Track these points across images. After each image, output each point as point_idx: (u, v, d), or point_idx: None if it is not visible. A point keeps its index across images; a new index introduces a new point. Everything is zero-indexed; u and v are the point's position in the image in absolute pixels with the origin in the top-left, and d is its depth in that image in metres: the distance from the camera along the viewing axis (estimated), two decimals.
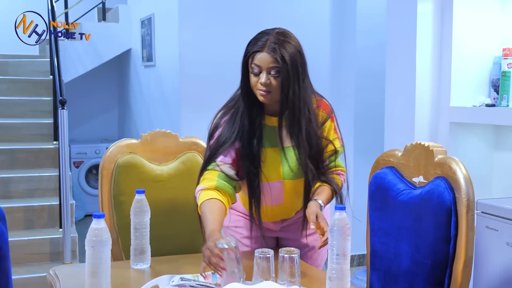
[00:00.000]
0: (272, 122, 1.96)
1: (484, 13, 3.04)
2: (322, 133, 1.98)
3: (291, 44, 1.86)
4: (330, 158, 1.99)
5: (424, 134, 3.12)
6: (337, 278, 1.59)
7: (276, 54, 1.82)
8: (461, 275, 1.65)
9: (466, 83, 3.04)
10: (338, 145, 2.01)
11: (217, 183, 1.89)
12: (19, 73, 5.15)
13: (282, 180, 1.99)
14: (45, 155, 4.42)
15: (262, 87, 1.85)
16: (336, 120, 2.04)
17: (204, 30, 4.21)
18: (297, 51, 1.87)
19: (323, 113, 2.00)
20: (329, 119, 2.00)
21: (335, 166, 2.01)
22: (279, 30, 1.89)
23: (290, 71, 1.84)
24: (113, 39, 5.60)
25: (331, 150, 1.99)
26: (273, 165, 1.98)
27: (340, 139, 2.03)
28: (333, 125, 2.01)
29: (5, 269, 1.76)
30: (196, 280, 1.70)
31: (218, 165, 1.92)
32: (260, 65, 1.84)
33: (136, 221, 1.91)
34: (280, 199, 2.02)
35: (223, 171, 1.91)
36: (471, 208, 1.65)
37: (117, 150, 2.24)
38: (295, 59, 1.85)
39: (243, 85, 1.92)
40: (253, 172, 1.94)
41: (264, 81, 1.84)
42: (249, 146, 1.93)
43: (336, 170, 2.02)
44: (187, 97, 4.23)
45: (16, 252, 3.67)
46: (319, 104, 2.00)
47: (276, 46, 1.83)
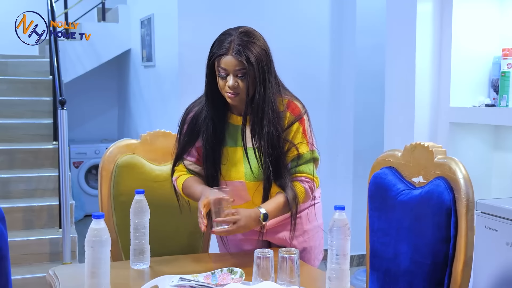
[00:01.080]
0: (237, 121, 1.96)
1: (483, 13, 3.04)
2: (287, 135, 1.92)
3: (255, 45, 1.84)
4: (292, 162, 1.93)
5: (424, 134, 3.12)
6: (337, 278, 1.59)
7: (242, 57, 1.81)
8: (461, 275, 1.65)
9: (466, 83, 3.04)
10: (305, 150, 1.94)
11: (187, 172, 2.01)
12: (19, 73, 5.15)
13: (244, 181, 1.97)
14: (45, 155, 4.42)
15: (230, 89, 1.85)
16: (307, 123, 1.97)
17: (204, 30, 4.20)
18: (262, 51, 1.85)
19: (290, 116, 1.94)
20: (297, 122, 1.94)
21: (298, 171, 1.94)
22: (243, 30, 1.87)
23: (256, 72, 1.83)
24: (113, 39, 5.60)
25: (294, 154, 1.93)
26: (235, 164, 1.97)
27: (309, 143, 1.95)
28: (301, 129, 1.94)
29: (4, 269, 1.76)
30: (196, 280, 1.70)
31: (184, 164, 2.03)
32: (226, 68, 1.84)
33: (136, 221, 1.91)
34: (246, 197, 1.99)
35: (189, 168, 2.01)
36: (470, 208, 1.65)
37: (117, 150, 2.24)
38: (260, 59, 1.84)
39: (208, 88, 1.93)
40: (212, 174, 1.97)
41: (232, 84, 1.84)
42: (211, 149, 1.95)
43: (300, 176, 1.95)
44: (187, 97, 4.20)
45: (16, 253, 3.67)
46: (288, 105, 1.95)
47: (240, 48, 1.82)
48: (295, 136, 1.94)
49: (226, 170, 1.97)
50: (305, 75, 4.45)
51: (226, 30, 1.91)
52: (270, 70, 1.89)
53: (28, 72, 5.18)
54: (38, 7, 4.02)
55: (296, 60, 4.41)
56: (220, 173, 1.97)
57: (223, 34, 1.89)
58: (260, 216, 1.84)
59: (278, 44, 4.48)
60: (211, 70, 1.90)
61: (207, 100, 1.95)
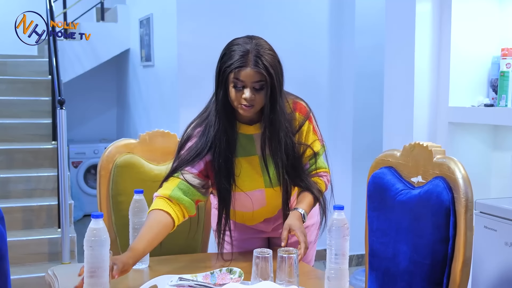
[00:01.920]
0: (248, 131, 1.93)
1: (482, 13, 3.04)
2: (300, 137, 1.94)
3: (270, 55, 1.81)
4: (310, 161, 1.98)
5: (423, 134, 3.12)
6: (336, 278, 1.59)
7: (261, 69, 1.77)
8: (460, 275, 1.65)
9: (465, 83, 3.04)
10: (318, 147, 1.98)
11: (171, 192, 1.85)
12: (18, 73, 5.15)
13: (263, 189, 1.96)
14: (44, 155, 4.42)
15: (246, 102, 1.80)
16: (314, 120, 2.00)
17: (203, 30, 4.21)
18: (276, 61, 1.82)
19: (300, 116, 1.95)
20: (307, 121, 1.96)
21: (316, 168, 1.98)
22: (256, 41, 1.83)
23: (275, 84, 1.80)
24: (112, 39, 5.60)
25: (310, 154, 1.97)
26: (251, 174, 1.94)
27: (320, 139, 2.00)
28: (311, 127, 1.97)
29: (3, 269, 1.76)
30: (195, 280, 1.70)
31: (182, 174, 1.88)
32: (244, 80, 1.78)
33: (135, 221, 1.91)
34: (263, 203, 2.00)
35: (186, 179, 1.87)
36: (469, 208, 1.65)
37: (116, 150, 2.23)
38: (277, 70, 1.81)
39: (221, 100, 1.84)
40: (226, 187, 1.90)
41: (249, 97, 1.79)
42: (224, 161, 1.87)
43: (318, 172, 1.99)
44: (186, 97, 4.23)
45: (15, 252, 3.67)
46: (295, 106, 1.95)
47: (258, 59, 1.77)
48: (307, 136, 1.97)
49: (242, 181, 1.93)
50: (304, 76, 4.45)
51: (235, 40, 1.86)
52: (283, 79, 1.85)
53: (27, 72, 5.18)
54: (37, 7, 4.02)
55: (296, 60, 4.41)
56: (234, 185, 1.92)
57: (234, 44, 1.83)
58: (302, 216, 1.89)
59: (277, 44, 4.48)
60: (223, 81, 1.82)
61: (219, 113, 1.85)
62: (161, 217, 1.81)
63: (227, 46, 1.85)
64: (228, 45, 1.86)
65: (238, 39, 1.85)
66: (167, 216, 1.82)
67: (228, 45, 1.85)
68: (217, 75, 1.84)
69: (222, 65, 1.81)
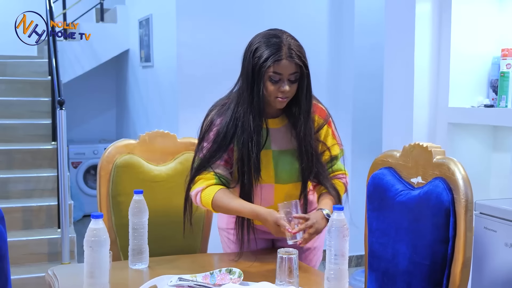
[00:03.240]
0: (271, 124, 1.96)
1: (482, 14, 3.04)
2: (318, 138, 1.98)
3: (300, 46, 1.87)
4: (328, 163, 2.00)
5: (422, 135, 3.12)
6: (335, 279, 1.59)
7: (296, 60, 1.81)
8: (459, 276, 1.65)
9: (465, 83, 3.04)
10: (337, 151, 2.03)
11: (215, 181, 1.91)
12: (17, 73, 5.15)
13: (273, 184, 1.98)
14: (43, 156, 4.41)
15: (283, 94, 1.83)
16: (333, 124, 2.04)
17: (202, 30, 4.21)
18: (304, 51, 1.88)
19: (319, 119, 1.99)
20: (326, 125, 2.00)
21: (334, 170, 2.03)
22: (285, 34, 1.87)
23: (309, 73, 1.86)
24: (111, 39, 5.60)
25: (327, 157, 2.00)
26: (265, 167, 1.95)
27: (339, 144, 2.04)
28: (330, 131, 2.01)
29: (4, 269, 1.76)
30: (194, 280, 1.70)
31: (212, 168, 1.91)
32: (282, 72, 1.81)
33: (134, 221, 1.91)
34: (270, 201, 2.00)
35: (217, 173, 1.91)
36: (469, 209, 1.65)
37: (115, 150, 2.24)
38: (307, 61, 1.86)
39: (256, 93, 1.84)
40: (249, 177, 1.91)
41: (287, 89, 1.83)
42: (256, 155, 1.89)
43: (337, 174, 2.04)
44: (185, 97, 4.23)
45: (14, 253, 3.67)
46: (315, 109, 1.99)
47: (292, 51, 1.81)
48: (326, 139, 2.00)
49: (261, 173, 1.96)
50: None
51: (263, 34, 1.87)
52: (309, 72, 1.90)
53: (26, 73, 5.18)
54: (36, 7, 4.02)
55: None
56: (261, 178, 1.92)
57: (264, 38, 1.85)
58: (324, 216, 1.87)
59: None
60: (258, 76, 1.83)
61: (255, 107, 1.86)
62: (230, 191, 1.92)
63: (257, 41, 1.86)
64: (256, 40, 1.88)
65: (264, 33, 1.88)
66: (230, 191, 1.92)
67: (256, 40, 1.87)
68: (252, 70, 1.84)
69: (257, 60, 1.82)
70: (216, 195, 1.88)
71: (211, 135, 1.92)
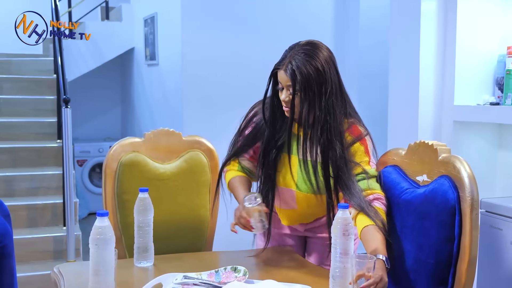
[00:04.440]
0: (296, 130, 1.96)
1: (488, 11, 3.03)
2: (348, 155, 1.88)
3: (306, 60, 1.81)
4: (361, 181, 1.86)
5: (428, 133, 3.11)
6: (340, 277, 1.59)
7: (289, 74, 1.82)
8: (465, 275, 1.65)
9: (470, 81, 3.03)
10: (369, 167, 1.89)
11: (238, 168, 2.06)
12: (23, 72, 5.16)
13: (294, 190, 1.99)
14: (49, 154, 4.42)
15: (284, 103, 1.87)
16: (369, 144, 1.93)
17: (207, 29, 4.22)
18: (316, 69, 1.81)
19: (348, 136, 1.91)
20: (358, 142, 1.90)
21: (370, 189, 1.85)
22: (306, 45, 1.86)
23: (306, 89, 1.81)
24: (116, 38, 5.61)
25: (360, 172, 1.87)
26: (288, 172, 1.98)
27: (371, 162, 1.90)
28: (363, 148, 1.90)
29: (10, 266, 1.77)
30: (199, 278, 1.70)
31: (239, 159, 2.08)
32: (281, 82, 1.86)
33: (140, 220, 1.92)
34: (293, 205, 2.03)
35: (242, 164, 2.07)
36: (475, 207, 1.64)
37: (121, 148, 2.24)
38: (307, 78, 1.80)
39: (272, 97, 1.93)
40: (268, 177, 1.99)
41: (283, 98, 1.86)
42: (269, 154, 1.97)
43: (373, 194, 1.85)
44: (190, 96, 4.24)
45: (20, 250, 3.67)
46: (348, 127, 1.92)
47: (290, 63, 1.82)
48: (357, 155, 1.89)
49: (280, 176, 2.00)
50: None
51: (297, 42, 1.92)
52: (324, 90, 1.84)
53: (32, 71, 5.19)
54: (42, 6, 4.03)
55: None
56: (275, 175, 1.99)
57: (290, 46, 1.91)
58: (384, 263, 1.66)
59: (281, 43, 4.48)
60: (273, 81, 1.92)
61: (270, 107, 1.94)
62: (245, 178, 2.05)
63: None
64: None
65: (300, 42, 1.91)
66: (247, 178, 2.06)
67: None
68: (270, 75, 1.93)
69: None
70: (232, 179, 2.04)
71: (246, 132, 2.05)
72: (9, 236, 1.76)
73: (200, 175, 2.31)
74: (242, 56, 4.22)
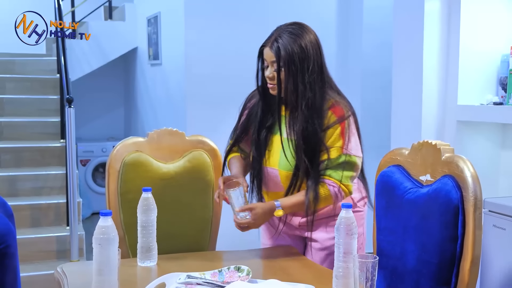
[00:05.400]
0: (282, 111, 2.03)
1: (492, 11, 3.02)
2: (325, 137, 1.93)
3: (294, 40, 1.89)
4: (322, 164, 1.93)
5: (431, 133, 3.11)
6: (344, 277, 1.59)
7: (274, 50, 1.90)
8: (468, 274, 1.64)
9: (474, 81, 3.03)
10: (336, 154, 1.93)
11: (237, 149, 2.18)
12: (26, 71, 5.17)
13: (277, 169, 2.02)
14: (52, 154, 4.43)
15: (269, 80, 1.94)
16: (348, 127, 1.95)
17: (210, 28, 4.22)
18: (299, 47, 1.90)
19: (332, 116, 1.94)
20: (338, 124, 1.93)
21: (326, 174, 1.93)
22: (293, 25, 1.94)
23: (290, 66, 1.89)
24: (119, 37, 5.61)
25: (324, 158, 1.93)
26: (274, 152, 2.04)
27: (343, 148, 1.93)
28: (338, 131, 1.93)
29: (13, 266, 1.77)
30: (203, 278, 1.70)
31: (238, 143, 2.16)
32: (266, 59, 1.94)
33: (143, 219, 1.92)
34: (278, 187, 2.04)
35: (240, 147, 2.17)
36: (478, 206, 1.64)
37: (124, 148, 2.24)
38: (291, 54, 1.89)
39: (258, 77, 2.01)
40: (257, 158, 2.05)
41: (267, 75, 1.94)
42: (257, 135, 2.04)
43: (325, 178, 1.93)
44: (193, 95, 4.24)
45: (23, 250, 3.68)
46: (331, 106, 1.96)
47: (275, 41, 1.90)
48: (332, 139, 1.93)
49: (268, 156, 2.05)
50: None
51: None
52: (306, 67, 1.91)
53: (35, 71, 5.20)
54: (45, 5, 4.04)
55: None
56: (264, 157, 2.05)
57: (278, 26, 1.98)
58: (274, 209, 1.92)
59: None
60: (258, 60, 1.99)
61: (258, 89, 2.03)
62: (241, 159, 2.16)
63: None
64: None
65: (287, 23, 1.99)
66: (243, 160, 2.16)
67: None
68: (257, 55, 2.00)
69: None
70: (230, 159, 2.17)
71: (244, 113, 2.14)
72: (12, 236, 1.76)
73: (203, 175, 2.31)
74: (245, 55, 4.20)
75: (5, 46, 5.18)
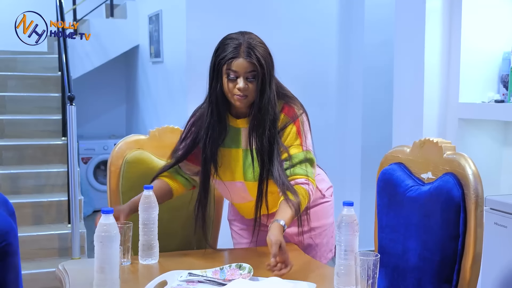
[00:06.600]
0: (237, 124, 1.98)
1: (493, 9, 3.02)
2: (281, 137, 1.93)
3: (262, 48, 1.89)
4: (286, 163, 1.92)
5: (433, 130, 3.10)
6: (345, 274, 1.59)
7: (252, 59, 1.85)
8: (470, 272, 1.65)
9: (475, 79, 3.03)
10: (297, 151, 1.93)
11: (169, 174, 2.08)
12: (28, 69, 5.17)
13: (243, 181, 1.99)
14: (53, 151, 4.44)
15: (239, 92, 1.87)
16: (302, 124, 1.96)
17: (212, 26, 4.21)
18: (268, 54, 1.90)
19: (284, 117, 1.95)
20: (291, 124, 1.94)
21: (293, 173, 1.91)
22: (248, 35, 1.92)
23: (265, 74, 1.86)
24: (121, 35, 5.61)
25: (284, 158, 1.92)
26: (232, 166, 1.99)
27: (302, 145, 1.94)
28: (294, 129, 1.94)
29: (15, 264, 1.77)
30: (204, 275, 1.70)
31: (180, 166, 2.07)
32: (237, 70, 1.86)
33: (144, 217, 1.92)
34: (247, 197, 2.02)
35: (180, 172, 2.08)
36: (480, 204, 1.64)
37: (125, 146, 2.24)
38: (268, 61, 1.88)
39: (215, 91, 1.91)
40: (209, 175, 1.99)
41: (243, 86, 1.86)
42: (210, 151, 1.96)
43: (296, 178, 1.91)
44: (194, 93, 4.22)
45: (25, 248, 3.69)
46: (282, 108, 1.96)
47: (251, 51, 1.86)
48: (289, 138, 1.94)
49: (223, 171, 2.00)
50: (313, 72, 4.44)
51: (229, 35, 1.94)
52: (273, 72, 1.93)
53: (37, 68, 5.20)
54: (47, 4, 4.03)
55: (304, 56, 4.40)
56: (216, 174, 2.00)
57: (227, 39, 1.92)
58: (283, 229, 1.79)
59: (286, 40, 4.50)
60: (217, 74, 1.90)
61: (212, 104, 1.94)
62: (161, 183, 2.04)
63: (221, 41, 1.95)
64: (221, 40, 1.95)
65: (231, 34, 1.95)
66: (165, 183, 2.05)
67: (221, 40, 1.95)
68: (212, 68, 1.93)
69: (216, 58, 1.91)
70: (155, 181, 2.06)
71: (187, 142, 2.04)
72: (14, 234, 1.76)
73: None
74: None
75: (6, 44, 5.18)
